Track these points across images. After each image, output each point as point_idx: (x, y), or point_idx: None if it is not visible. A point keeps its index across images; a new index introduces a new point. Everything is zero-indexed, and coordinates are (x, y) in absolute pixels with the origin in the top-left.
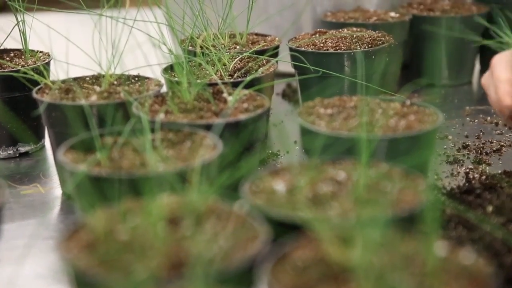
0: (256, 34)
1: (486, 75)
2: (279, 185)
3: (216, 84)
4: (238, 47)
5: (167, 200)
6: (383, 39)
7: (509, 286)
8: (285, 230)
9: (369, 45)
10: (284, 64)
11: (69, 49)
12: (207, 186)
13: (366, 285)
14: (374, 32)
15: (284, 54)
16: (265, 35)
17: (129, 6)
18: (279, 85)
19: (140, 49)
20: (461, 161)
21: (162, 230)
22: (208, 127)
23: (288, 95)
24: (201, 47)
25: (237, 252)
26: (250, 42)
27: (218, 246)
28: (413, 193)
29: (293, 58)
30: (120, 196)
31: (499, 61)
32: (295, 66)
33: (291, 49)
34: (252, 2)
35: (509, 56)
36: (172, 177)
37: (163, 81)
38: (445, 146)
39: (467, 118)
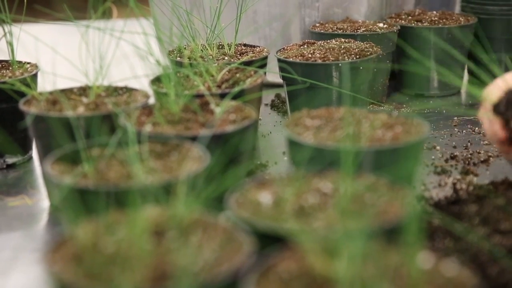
0: (245, 45)
1: (481, 108)
2: (265, 197)
3: (204, 95)
4: (226, 58)
5: (153, 212)
6: (370, 50)
7: None
8: (271, 242)
9: (357, 56)
10: (273, 74)
11: (56, 60)
12: (192, 198)
13: None
14: (362, 43)
15: (272, 65)
16: (254, 46)
17: (117, 17)
18: (268, 96)
19: (128, 60)
20: (449, 172)
21: (147, 243)
22: (195, 139)
23: (277, 105)
24: (189, 58)
25: (222, 264)
26: (238, 53)
27: (202, 259)
28: (398, 204)
29: (282, 69)
30: (106, 209)
31: (490, 94)
32: (283, 77)
33: (279, 60)
34: (240, 14)
35: (497, 88)
36: (158, 189)
37: (151, 92)
38: (433, 157)
39: (455, 129)
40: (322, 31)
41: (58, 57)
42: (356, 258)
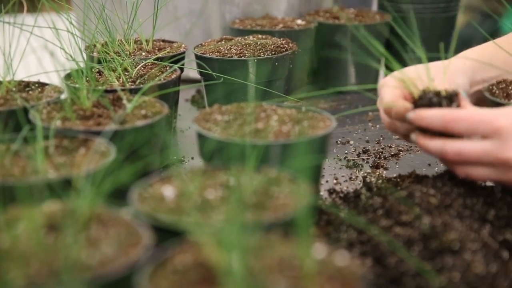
0: (163, 41)
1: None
2: (168, 191)
3: (116, 91)
4: (143, 53)
5: (51, 207)
6: (286, 46)
7: (393, 285)
8: (171, 235)
9: (273, 52)
10: (194, 70)
11: None
12: (93, 192)
13: None
14: (278, 39)
15: (189, 60)
16: (172, 42)
17: (27, 11)
18: (189, 91)
19: (44, 55)
20: (360, 166)
21: (42, 238)
22: (104, 134)
23: (197, 101)
24: (106, 52)
25: (119, 258)
26: (156, 48)
27: (99, 253)
28: (297, 197)
29: (199, 64)
30: (6, 204)
31: (383, 85)
32: (200, 73)
33: (196, 56)
34: (157, 9)
35: (392, 80)
36: (59, 185)
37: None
38: (346, 151)
39: (370, 124)
40: (241, 27)
41: None
42: (249, 250)
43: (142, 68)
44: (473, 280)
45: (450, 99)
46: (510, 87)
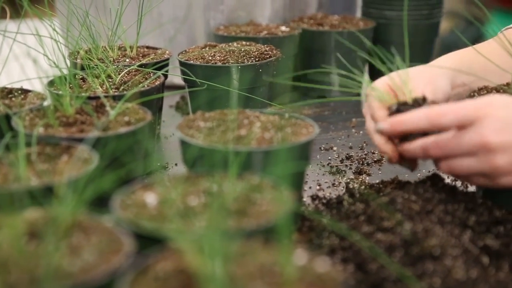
0: (148, 47)
1: (366, 104)
2: (151, 198)
3: (99, 97)
4: (127, 60)
5: (32, 214)
6: (270, 53)
7: None
8: (153, 243)
9: (257, 59)
10: (178, 77)
11: None
12: (75, 200)
13: None
14: (262, 46)
15: (174, 67)
16: (156, 48)
17: (10, 18)
18: (173, 98)
19: (28, 62)
20: (343, 172)
21: (24, 245)
22: (86, 141)
23: (181, 107)
24: (89, 59)
25: (100, 265)
26: (140, 55)
27: (80, 260)
28: (279, 204)
29: (183, 71)
30: None
31: (371, 92)
32: (184, 79)
33: (180, 63)
34: (141, 16)
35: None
36: (40, 192)
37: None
38: (329, 157)
39: (353, 130)
40: (225, 34)
41: None
42: (231, 257)
43: (126, 75)
44: (454, 285)
45: (418, 104)
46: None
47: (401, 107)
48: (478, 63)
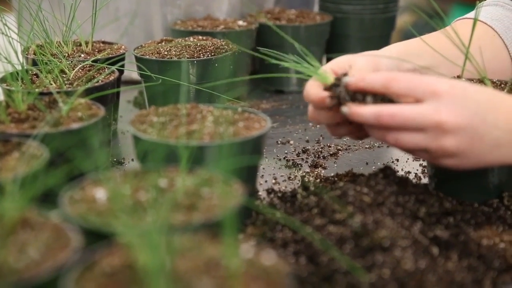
0: (103, 42)
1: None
2: (100, 194)
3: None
4: (82, 55)
5: None
6: (226, 47)
7: (325, 283)
8: (101, 238)
9: (213, 54)
10: (136, 72)
11: None
12: (22, 196)
13: None
14: (218, 41)
15: (130, 62)
16: (112, 43)
17: None
18: (131, 93)
19: None
20: (299, 165)
21: None
22: (37, 137)
23: (139, 102)
24: (42, 54)
25: (46, 261)
26: (96, 50)
27: (26, 256)
28: (229, 198)
29: (139, 66)
30: None
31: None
32: (141, 74)
33: (136, 58)
34: (96, 10)
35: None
36: None
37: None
38: (286, 151)
39: (310, 124)
40: (182, 28)
41: None
42: (177, 251)
43: (80, 70)
44: (403, 276)
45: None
46: None
47: (332, 86)
48: (427, 52)
